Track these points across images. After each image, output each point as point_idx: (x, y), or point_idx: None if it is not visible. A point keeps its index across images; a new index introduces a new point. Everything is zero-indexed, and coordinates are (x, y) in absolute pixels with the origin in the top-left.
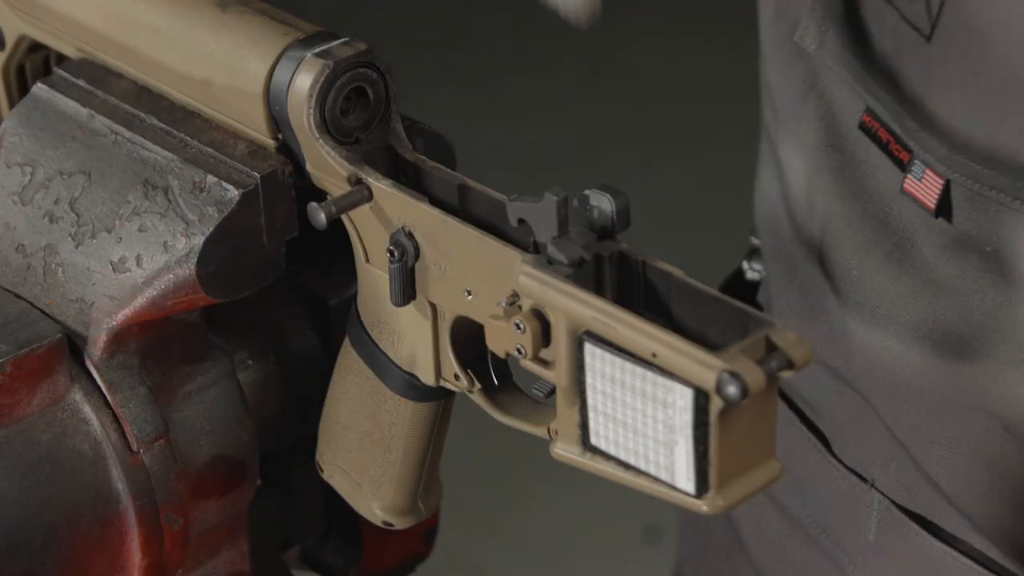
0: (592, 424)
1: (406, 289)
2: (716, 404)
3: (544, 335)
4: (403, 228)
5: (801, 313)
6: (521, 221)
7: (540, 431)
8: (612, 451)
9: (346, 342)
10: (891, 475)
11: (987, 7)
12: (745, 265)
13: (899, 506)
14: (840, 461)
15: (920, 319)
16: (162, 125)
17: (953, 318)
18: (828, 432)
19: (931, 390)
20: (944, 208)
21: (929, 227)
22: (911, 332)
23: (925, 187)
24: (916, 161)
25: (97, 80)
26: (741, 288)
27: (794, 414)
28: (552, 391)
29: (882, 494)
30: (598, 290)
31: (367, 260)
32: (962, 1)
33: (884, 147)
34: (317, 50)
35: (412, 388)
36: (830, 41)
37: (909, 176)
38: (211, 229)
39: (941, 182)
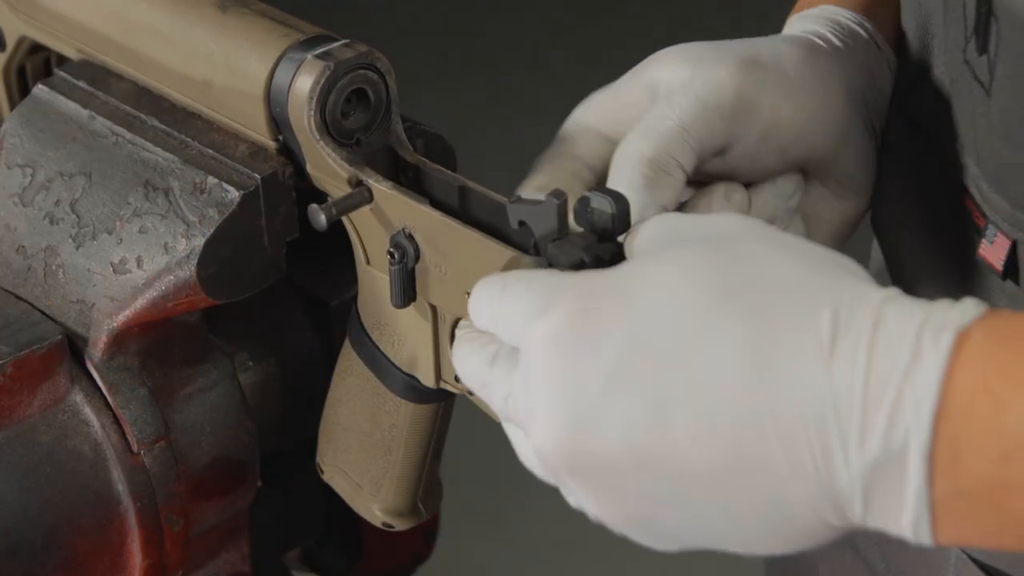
0: None
1: (406, 291)
2: None
3: None
4: (404, 230)
5: None
6: (522, 223)
7: None
8: None
9: (346, 344)
10: None
11: None
12: None
13: (976, 561)
14: None
15: None
16: (163, 126)
17: None
18: None
19: None
20: (1011, 270)
21: (1000, 291)
22: None
23: (995, 250)
24: (989, 225)
25: (98, 81)
26: None
27: None
28: None
29: (960, 548)
30: None
31: (368, 262)
32: (1011, 52)
33: (968, 216)
34: (318, 52)
35: (412, 390)
36: (940, 110)
37: (983, 241)
38: (212, 230)
39: (1008, 243)
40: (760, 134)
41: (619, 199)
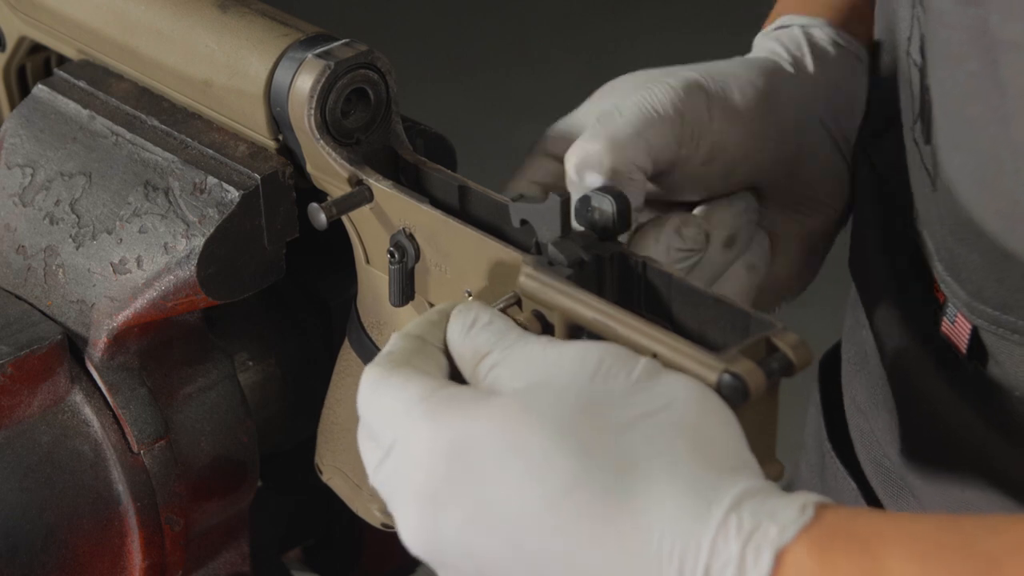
0: None
1: (405, 290)
2: None
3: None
4: (404, 229)
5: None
6: (523, 222)
7: None
8: None
9: (346, 343)
10: None
11: (960, 173)
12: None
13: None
14: None
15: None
16: (163, 126)
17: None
18: None
19: None
20: (976, 352)
21: (964, 369)
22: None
23: (957, 330)
24: (949, 304)
25: (98, 81)
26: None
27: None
28: None
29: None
30: (599, 291)
31: (367, 261)
32: (952, 159)
33: (930, 286)
34: (318, 51)
35: None
36: (900, 170)
37: (944, 319)
38: (212, 230)
39: (969, 326)
40: (704, 158)
41: (620, 198)
